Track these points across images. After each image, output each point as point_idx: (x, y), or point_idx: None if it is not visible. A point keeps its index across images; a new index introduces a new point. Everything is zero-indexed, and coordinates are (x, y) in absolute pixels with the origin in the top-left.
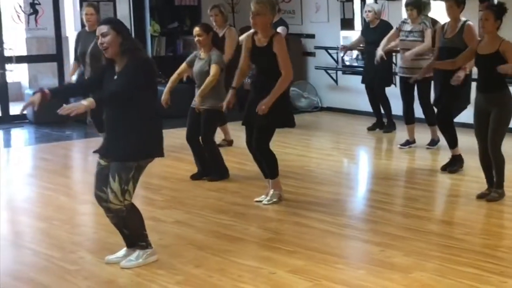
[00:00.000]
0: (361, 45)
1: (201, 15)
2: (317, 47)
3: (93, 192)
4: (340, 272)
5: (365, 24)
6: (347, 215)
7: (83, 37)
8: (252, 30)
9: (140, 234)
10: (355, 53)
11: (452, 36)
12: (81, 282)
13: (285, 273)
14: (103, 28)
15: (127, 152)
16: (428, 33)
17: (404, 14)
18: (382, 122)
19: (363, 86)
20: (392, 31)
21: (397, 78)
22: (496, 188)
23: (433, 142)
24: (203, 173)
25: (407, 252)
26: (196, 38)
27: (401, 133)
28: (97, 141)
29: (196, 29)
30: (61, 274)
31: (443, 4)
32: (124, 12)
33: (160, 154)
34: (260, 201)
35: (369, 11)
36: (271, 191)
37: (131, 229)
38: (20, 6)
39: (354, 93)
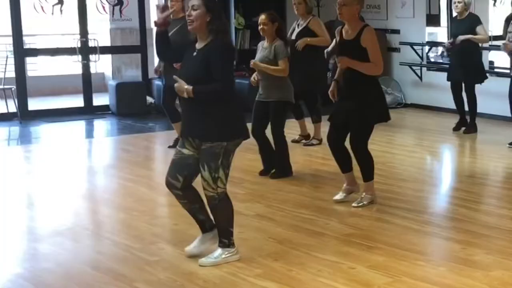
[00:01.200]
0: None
1: (286, 8)
2: (402, 43)
3: (165, 178)
4: (420, 268)
5: (452, 17)
6: (429, 212)
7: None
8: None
9: (226, 229)
10: (440, 49)
11: None
12: (161, 273)
13: (365, 268)
14: (196, 1)
15: (213, 133)
16: None
17: (491, 10)
18: (466, 121)
19: (448, 83)
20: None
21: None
22: None
23: None
24: (270, 169)
25: (489, 250)
26: (261, 27)
27: (483, 135)
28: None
29: (262, 17)
30: (141, 265)
31: None
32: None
33: (246, 135)
34: (341, 201)
35: (459, 1)
36: (363, 194)
37: (219, 220)
38: None
39: (439, 89)
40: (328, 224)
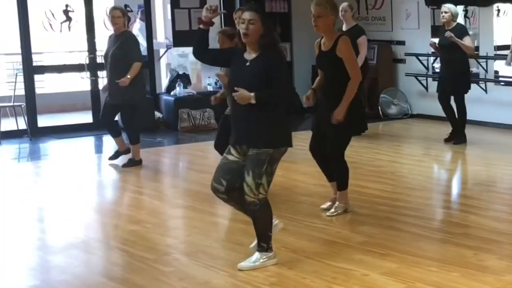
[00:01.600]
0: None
1: (291, 21)
2: (407, 54)
3: (210, 184)
4: (433, 274)
5: (440, 27)
6: (439, 219)
7: (110, 40)
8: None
9: (265, 234)
10: None
11: None
12: (176, 283)
13: (378, 275)
14: (252, 16)
15: (261, 140)
16: None
17: (495, 21)
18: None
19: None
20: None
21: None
22: None
23: None
24: None
25: (500, 255)
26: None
27: (488, 143)
28: (187, 147)
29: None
30: (156, 275)
31: None
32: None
33: (290, 144)
34: (326, 209)
35: (445, 12)
36: (337, 203)
37: (258, 225)
38: None
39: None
40: (340, 233)
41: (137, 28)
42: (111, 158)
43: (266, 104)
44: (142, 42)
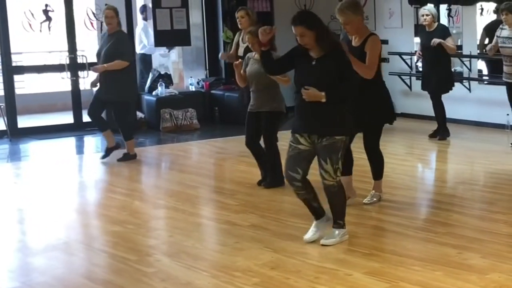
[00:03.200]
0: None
1: (274, 21)
2: (390, 53)
3: (285, 172)
4: (417, 273)
5: (420, 28)
6: (423, 218)
7: (103, 38)
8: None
9: (342, 211)
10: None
11: None
12: (158, 284)
13: (362, 275)
14: (299, 30)
15: (336, 129)
16: None
17: (479, 20)
18: (446, 128)
19: (448, 92)
20: (494, 40)
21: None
22: None
23: None
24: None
25: (484, 254)
26: (251, 44)
27: (473, 141)
28: (169, 147)
29: (249, 36)
30: (138, 277)
31: None
32: (197, 19)
33: (356, 130)
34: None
35: (426, 14)
36: (373, 192)
37: (337, 204)
38: (93, 13)
39: (428, 98)
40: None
41: (140, 27)
42: (104, 157)
43: (335, 100)
44: (145, 41)
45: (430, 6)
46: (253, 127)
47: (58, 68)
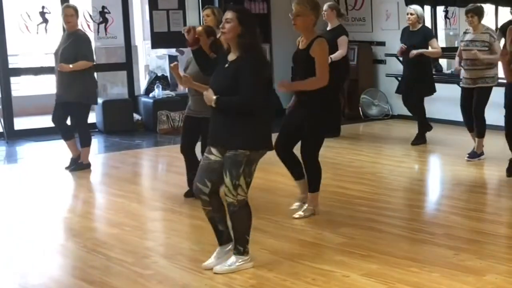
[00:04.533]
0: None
1: (271, 22)
2: (387, 55)
3: (194, 184)
4: (414, 275)
5: (404, 28)
6: (420, 220)
7: (62, 38)
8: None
9: (242, 237)
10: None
11: None
12: (155, 286)
13: (359, 276)
14: (229, 15)
15: (237, 141)
16: (497, 46)
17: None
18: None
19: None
20: (458, 48)
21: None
22: None
23: (475, 155)
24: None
25: (481, 255)
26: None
27: (468, 144)
28: (166, 149)
29: (199, 29)
30: (135, 278)
31: None
32: (194, 20)
33: (270, 147)
34: (295, 209)
35: (411, 13)
36: (305, 206)
37: (237, 227)
38: (90, 15)
39: (425, 100)
40: (321, 234)
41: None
42: (69, 168)
43: (228, 110)
44: None
45: (416, 6)
46: (190, 134)
47: (55, 70)
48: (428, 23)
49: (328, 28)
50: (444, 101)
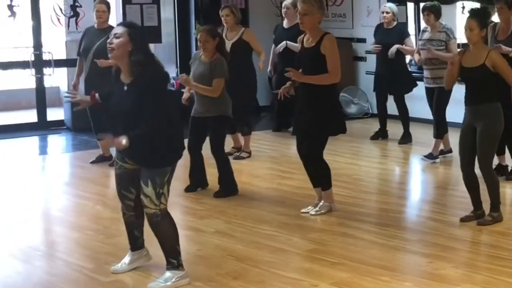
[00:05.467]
0: None
1: (248, 18)
2: (368, 52)
3: (117, 190)
4: (385, 284)
5: (378, 25)
6: (395, 225)
7: (90, 33)
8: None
9: (172, 248)
10: (408, 57)
11: (504, 39)
12: None
13: (328, 285)
14: (119, 30)
15: (158, 160)
16: (453, 45)
17: (460, 18)
18: (386, 131)
19: (415, 91)
20: (417, 46)
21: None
22: (491, 211)
23: (431, 156)
24: (197, 185)
25: (456, 263)
26: (202, 44)
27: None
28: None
29: (202, 34)
30: (94, 286)
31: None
32: (169, 14)
33: (182, 148)
34: (307, 212)
35: (387, 12)
36: (321, 203)
37: (164, 239)
38: (61, 9)
39: (406, 99)
40: (290, 240)
41: None
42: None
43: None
44: None
45: (391, 4)
46: (198, 134)
47: (23, 64)
48: (411, 20)
49: (286, 26)
50: (425, 99)
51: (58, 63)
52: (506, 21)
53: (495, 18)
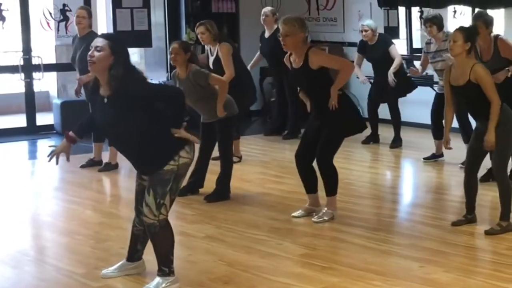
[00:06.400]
0: None
1: (239, 22)
2: None
3: (134, 205)
4: None
5: (362, 42)
6: (386, 229)
7: (76, 42)
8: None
9: (166, 257)
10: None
11: (490, 59)
12: None
13: None
14: (100, 42)
15: (162, 160)
16: None
17: (451, 22)
18: (377, 135)
19: (408, 96)
20: (422, 56)
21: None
22: (501, 220)
23: (434, 156)
24: (189, 190)
25: (448, 268)
26: (172, 55)
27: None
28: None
29: (175, 46)
30: None
31: None
32: (159, 19)
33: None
34: (298, 216)
35: (365, 30)
36: (325, 209)
37: (160, 248)
38: (50, 13)
39: (399, 103)
40: (281, 245)
41: None
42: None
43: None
44: None
45: (369, 21)
46: (208, 138)
47: (12, 69)
48: (402, 24)
49: (266, 36)
50: (420, 104)
51: (48, 68)
52: (485, 41)
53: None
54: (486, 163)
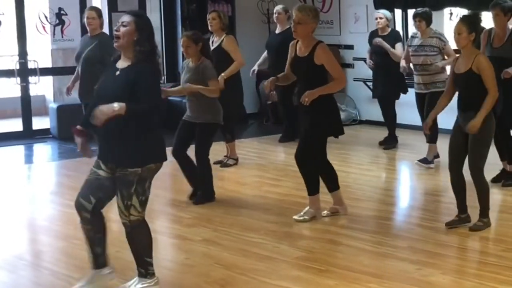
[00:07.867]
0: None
1: (235, 25)
2: (355, 58)
3: (76, 199)
4: None
5: (373, 32)
6: (383, 232)
7: (84, 41)
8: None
9: (140, 258)
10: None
11: (500, 46)
12: None
13: None
14: (126, 18)
15: (128, 159)
16: (449, 48)
17: (447, 24)
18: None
19: (403, 98)
20: (405, 51)
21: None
22: (480, 217)
23: (426, 161)
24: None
25: (445, 270)
26: (184, 49)
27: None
28: None
29: (184, 39)
30: None
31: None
32: (155, 21)
33: (162, 158)
34: (300, 220)
35: (380, 17)
36: (306, 208)
37: (134, 249)
38: (46, 17)
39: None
40: (278, 248)
41: None
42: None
43: (131, 119)
44: None
45: (384, 11)
46: (184, 137)
47: (8, 73)
48: (399, 26)
49: (277, 31)
50: (415, 106)
51: (44, 72)
52: (502, 28)
53: (487, 24)
54: (499, 163)
